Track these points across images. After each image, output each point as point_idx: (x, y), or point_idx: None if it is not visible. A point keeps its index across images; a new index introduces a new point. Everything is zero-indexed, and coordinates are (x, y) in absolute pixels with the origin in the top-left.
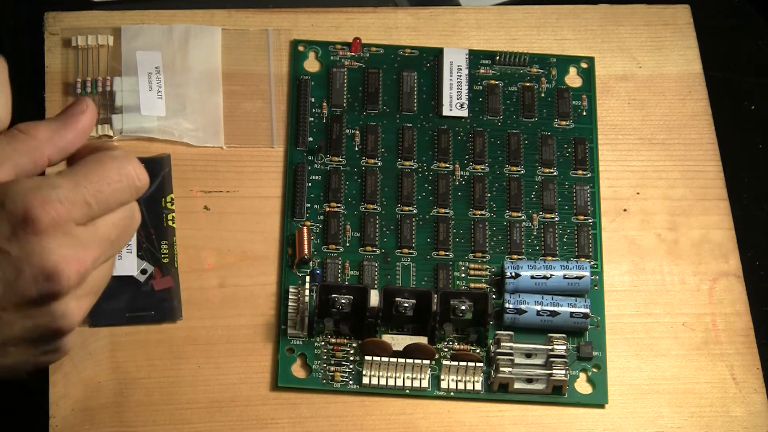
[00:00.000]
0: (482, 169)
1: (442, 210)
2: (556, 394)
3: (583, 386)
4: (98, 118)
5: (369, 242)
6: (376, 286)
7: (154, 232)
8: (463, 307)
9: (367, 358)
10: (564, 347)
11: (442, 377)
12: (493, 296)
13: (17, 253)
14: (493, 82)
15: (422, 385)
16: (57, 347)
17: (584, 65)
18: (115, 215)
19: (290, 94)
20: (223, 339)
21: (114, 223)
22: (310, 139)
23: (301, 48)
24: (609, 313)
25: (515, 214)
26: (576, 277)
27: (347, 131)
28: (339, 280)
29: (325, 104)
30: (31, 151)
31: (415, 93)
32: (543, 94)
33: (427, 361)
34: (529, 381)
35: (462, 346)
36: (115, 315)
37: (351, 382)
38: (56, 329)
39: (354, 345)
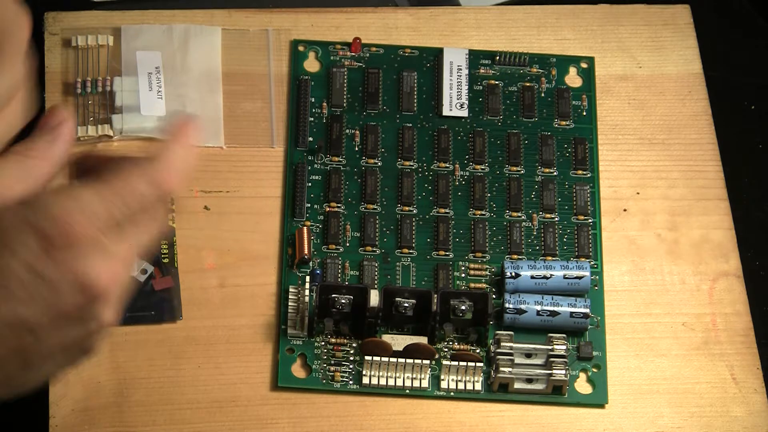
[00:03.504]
0: (482, 169)
1: (442, 210)
2: (556, 394)
3: (583, 386)
4: (98, 118)
5: (369, 242)
6: (376, 286)
7: None
8: (463, 307)
9: (367, 358)
10: (564, 347)
11: (442, 377)
12: (493, 296)
13: (52, 272)
14: (493, 82)
15: (422, 385)
16: (87, 350)
17: (584, 65)
18: (144, 222)
19: (290, 94)
20: (223, 339)
21: (143, 229)
22: (310, 139)
23: (301, 48)
24: (609, 313)
25: (515, 214)
26: (576, 277)
27: (347, 131)
28: (339, 280)
29: (325, 104)
30: (34, 169)
31: (415, 93)
32: (543, 94)
33: (427, 361)
34: (529, 381)
35: (462, 346)
36: None
37: (351, 382)
38: (92, 338)
39: (354, 345)
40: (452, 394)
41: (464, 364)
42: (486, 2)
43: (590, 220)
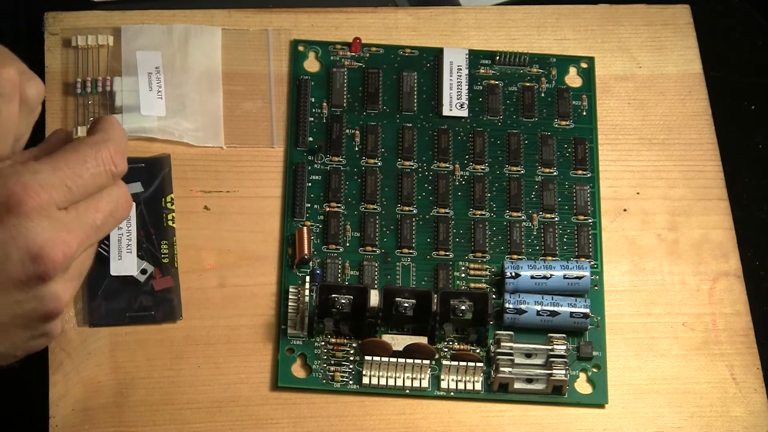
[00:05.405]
0: (482, 169)
1: (442, 210)
2: (556, 394)
3: (583, 386)
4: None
5: (369, 242)
6: (376, 286)
7: (154, 232)
8: (463, 307)
9: (367, 358)
10: (564, 347)
11: (442, 377)
12: (493, 296)
13: (2, 237)
14: (493, 82)
15: (422, 385)
16: (46, 331)
17: (584, 65)
18: (98, 200)
19: (290, 94)
20: (223, 339)
21: (97, 207)
22: (310, 139)
23: (301, 48)
24: (609, 313)
25: (515, 214)
26: (576, 277)
27: (347, 131)
28: (339, 280)
29: (325, 104)
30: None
31: (415, 93)
32: (543, 94)
33: (427, 361)
34: (529, 381)
35: (462, 346)
36: (115, 315)
37: (351, 382)
38: (45, 312)
39: (354, 345)
40: (452, 394)
41: (464, 364)
42: (486, 2)
43: (590, 220)
